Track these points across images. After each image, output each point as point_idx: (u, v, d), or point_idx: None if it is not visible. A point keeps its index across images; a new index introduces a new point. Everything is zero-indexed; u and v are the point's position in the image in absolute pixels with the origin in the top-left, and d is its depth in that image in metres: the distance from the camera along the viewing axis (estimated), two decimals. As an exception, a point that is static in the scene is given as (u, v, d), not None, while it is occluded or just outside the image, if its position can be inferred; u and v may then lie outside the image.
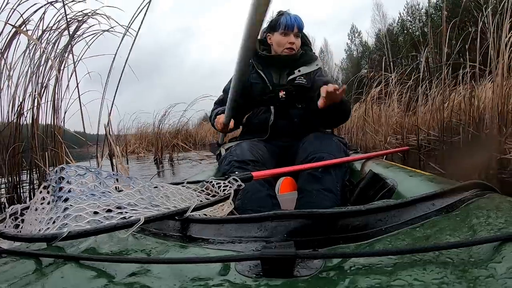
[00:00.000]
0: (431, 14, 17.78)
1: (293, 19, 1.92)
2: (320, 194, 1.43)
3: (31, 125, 2.99)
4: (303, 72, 1.96)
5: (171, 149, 8.59)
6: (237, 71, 1.28)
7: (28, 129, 3.10)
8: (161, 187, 0.86)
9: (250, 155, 1.60)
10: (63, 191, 0.70)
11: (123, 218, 0.64)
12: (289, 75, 1.95)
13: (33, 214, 0.70)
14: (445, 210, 0.65)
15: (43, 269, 0.53)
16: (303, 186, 1.51)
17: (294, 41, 1.93)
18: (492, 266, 0.42)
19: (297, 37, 1.95)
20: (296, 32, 1.94)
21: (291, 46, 1.93)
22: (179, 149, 8.97)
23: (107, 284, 0.47)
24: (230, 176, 1.01)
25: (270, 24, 2.01)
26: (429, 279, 0.41)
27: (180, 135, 10.21)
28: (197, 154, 8.18)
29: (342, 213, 0.61)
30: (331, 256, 0.50)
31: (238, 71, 1.27)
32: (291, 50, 1.94)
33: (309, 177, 1.50)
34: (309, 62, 2.00)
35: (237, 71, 1.28)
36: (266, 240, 0.58)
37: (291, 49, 1.94)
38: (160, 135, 8.94)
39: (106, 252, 0.61)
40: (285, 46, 1.93)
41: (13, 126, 2.99)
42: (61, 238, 0.57)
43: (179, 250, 0.61)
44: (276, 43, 1.96)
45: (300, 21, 1.95)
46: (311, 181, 1.49)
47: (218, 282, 0.46)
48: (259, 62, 1.99)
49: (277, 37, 1.95)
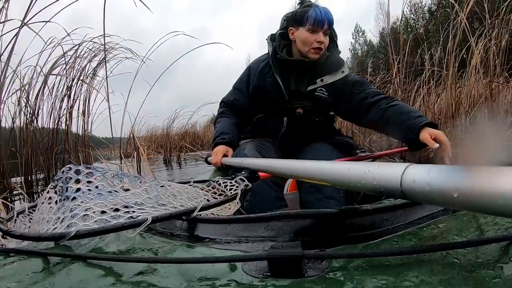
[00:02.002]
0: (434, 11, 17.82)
1: (323, 13, 1.64)
2: (322, 202, 1.41)
3: (65, 131, 3.72)
4: (326, 82, 1.72)
5: (178, 150, 8.90)
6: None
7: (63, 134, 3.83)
8: (168, 186, 0.86)
9: (257, 155, 1.57)
10: (70, 191, 0.71)
11: (130, 217, 0.64)
12: (309, 83, 1.73)
13: (41, 213, 0.71)
14: (452, 210, 0.64)
15: (50, 268, 0.53)
16: (305, 198, 1.48)
17: (323, 40, 1.66)
18: (500, 266, 0.42)
19: (326, 35, 1.68)
20: (326, 29, 1.66)
21: (320, 45, 1.66)
22: (187, 150, 9.25)
23: (114, 283, 0.47)
24: (237, 176, 1.01)
25: (294, 16, 1.71)
26: (436, 279, 0.41)
27: (188, 136, 10.42)
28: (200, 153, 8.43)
29: (348, 212, 0.61)
30: (338, 256, 0.50)
31: None
32: (319, 50, 1.67)
33: (309, 189, 1.47)
34: (334, 70, 1.73)
35: None
36: (273, 240, 0.58)
37: (319, 49, 1.66)
38: (169, 137, 9.14)
39: (113, 251, 0.61)
40: (313, 46, 1.66)
41: (52, 133, 3.66)
42: (68, 237, 0.57)
43: (186, 249, 0.61)
44: (301, 40, 1.68)
45: (331, 16, 1.66)
46: (312, 192, 1.46)
47: (225, 282, 0.47)
48: (278, 64, 1.74)
49: (303, 34, 1.66)
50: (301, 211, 0.63)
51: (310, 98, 1.73)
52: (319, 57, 1.68)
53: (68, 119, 3.79)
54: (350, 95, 1.69)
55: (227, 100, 1.92)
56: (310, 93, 1.72)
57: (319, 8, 1.65)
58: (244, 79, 1.85)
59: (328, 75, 1.72)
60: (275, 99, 1.74)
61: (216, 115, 2.01)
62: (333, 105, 1.77)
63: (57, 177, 0.74)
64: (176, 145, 9.06)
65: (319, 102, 1.73)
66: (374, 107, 1.60)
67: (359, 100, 1.65)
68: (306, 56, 1.69)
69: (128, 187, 0.80)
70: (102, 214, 0.65)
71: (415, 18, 22.44)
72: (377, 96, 1.62)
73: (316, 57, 1.67)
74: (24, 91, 3.33)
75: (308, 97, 1.73)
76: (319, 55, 1.68)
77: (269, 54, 1.78)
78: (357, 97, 1.67)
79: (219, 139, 1.72)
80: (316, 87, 1.71)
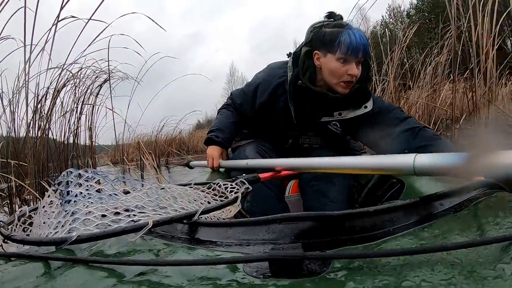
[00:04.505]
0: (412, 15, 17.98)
1: (359, 39, 1.35)
2: (326, 206, 1.38)
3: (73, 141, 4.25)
4: (344, 117, 1.49)
5: (166, 156, 9.38)
6: None
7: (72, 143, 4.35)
8: (168, 189, 0.86)
9: (258, 157, 1.52)
10: (71, 195, 0.71)
11: (131, 221, 0.64)
12: (325, 114, 1.51)
13: (42, 217, 0.71)
14: (453, 210, 0.64)
15: (52, 272, 0.53)
16: (309, 203, 1.46)
17: (356, 74, 1.38)
18: (501, 266, 0.42)
19: (359, 65, 1.40)
20: (360, 59, 1.38)
21: (351, 79, 1.39)
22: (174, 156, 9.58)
23: (115, 285, 0.47)
24: (237, 178, 1.01)
25: (321, 37, 1.42)
26: (437, 279, 0.41)
27: (174, 143, 10.76)
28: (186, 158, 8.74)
29: (349, 214, 0.61)
30: (339, 257, 0.50)
31: None
32: (349, 84, 1.40)
33: (314, 193, 1.43)
34: (357, 104, 1.47)
35: None
36: (274, 243, 0.58)
37: (349, 82, 1.39)
38: (157, 143, 9.53)
39: (114, 254, 0.61)
40: (342, 79, 1.39)
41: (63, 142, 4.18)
42: (69, 242, 0.57)
43: (187, 252, 0.61)
44: (329, 71, 1.40)
45: (366, 42, 1.38)
46: (317, 197, 1.42)
47: (226, 283, 0.47)
48: (295, 91, 1.47)
49: (332, 63, 1.38)
50: (302, 214, 0.62)
51: (321, 129, 1.56)
52: (349, 92, 1.43)
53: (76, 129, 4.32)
54: (372, 127, 1.46)
55: (234, 100, 1.74)
56: (322, 125, 1.54)
57: (353, 32, 1.36)
58: (252, 88, 1.63)
59: (348, 109, 1.48)
60: (283, 122, 1.56)
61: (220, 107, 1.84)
62: (350, 134, 1.62)
63: (58, 181, 0.74)
64: (163, 151, 9.46)
65: (329, 135, 1.57)
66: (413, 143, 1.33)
67: (393, 133, 1.39)
68: (333, 88, 1.43)
69: (128, 190, 0.80)
70: (103, 218, 0.65)
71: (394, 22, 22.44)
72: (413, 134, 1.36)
73: (346, 91, 1.42)
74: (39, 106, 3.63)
75: (319, 128, 1.56)
76: (349, 89, 1.42)
77: (287, 78, 1.51)
78: (383, 126, 1.42)
79: (214, 135, 1.65)
80: (330, 120, 1.52)
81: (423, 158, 0.72)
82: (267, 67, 1.68)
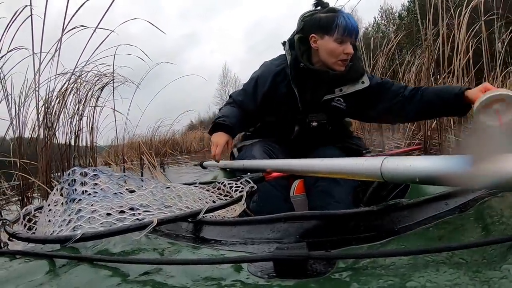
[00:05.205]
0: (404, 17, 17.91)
1: (353, 22, 1.50)
2: (331, 206, 1.38)
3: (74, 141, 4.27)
4: (345, 93, 1.59)
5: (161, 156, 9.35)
6: None
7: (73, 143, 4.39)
8: (173, 188, 0.86)
9: (265, 156, 1.53)
10: (76, 193, 0.71)
11: (136, 219, 0.64)
12: (327, 92, 1.59)
13: (47, 215, 0.71)
14: (458, 210, 0.64)
15: (57, 270, 0.53)
16: (314, 203, 1.46)
17: (352, 52, 1.52)
18: (506, 267, 0.41)
19: (351, 45, 1.52)
20: (353, 40, 1.53)
21: (347, 57, 1.52)
22: (168, 155, 9.78)
23: (120, 283, 0.48)
24: (242, 177, 1.01)
25: (317, 22, 1.54)
26: (442, 280, 0.41)
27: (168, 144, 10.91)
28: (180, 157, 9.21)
29: (354, 214, 0.61)
30: (343, 257, 0.50)
31: None
32: (346, 62, 1.53)
33: (319, 194, 1.45)
34: (354, 79, 1.59)
35: None
36: (279, 242, 0.58)
37: (346, 60, 1.52)
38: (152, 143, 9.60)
39: (119, 253, 0.62)
40: (340, 58, 1.51)
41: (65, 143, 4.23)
42: (74, 240, 0.58)
43: (191, 251, 0.62)
44: (327, 51, 1.52)
45: (357, 24, 1.54)
46: (323, 197, 1.43)
47: (231, 283, 0.47)
48: (296, 74, 1.58)
49: (330, 44, 1.50)
50: (307, 213, 0.63)
51: (325, 108, 1.62)
52: (345, 69, 1.55)
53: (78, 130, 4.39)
54: (376, 100, 1.60)
55: (235, 98, 1.77)
56: (326, 103, 1.60)
57: (348, 16, 1.51)
58: (252, 83, 1.70)
59: (347, 85, 1.59)
60: (287, 110, 1.62)
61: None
62: (357, 113, 1.69)
63: (63, 179, 0.75)
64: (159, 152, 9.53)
65: (335, 112, 1.62)
66: (411, 102, 1.50)
67: (389, 101, 1.56)
68: (331, 67, 1.54)
69: (133, 188, 0.80)
70: (108, 216, 0.66)
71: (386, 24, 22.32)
72: (406, 91, 1.53)
73: (343, 69, 1.54)
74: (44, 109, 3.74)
75: (324, 106, 1.62)
76: (346, 66, 1.55)
77: (287, 63, 1.61)
78: (385, 99, 1.57)
79: (221, 119, 1.60)
80: (333, 97, 1.60)
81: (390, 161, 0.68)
82: (262, 65, 1.77)
